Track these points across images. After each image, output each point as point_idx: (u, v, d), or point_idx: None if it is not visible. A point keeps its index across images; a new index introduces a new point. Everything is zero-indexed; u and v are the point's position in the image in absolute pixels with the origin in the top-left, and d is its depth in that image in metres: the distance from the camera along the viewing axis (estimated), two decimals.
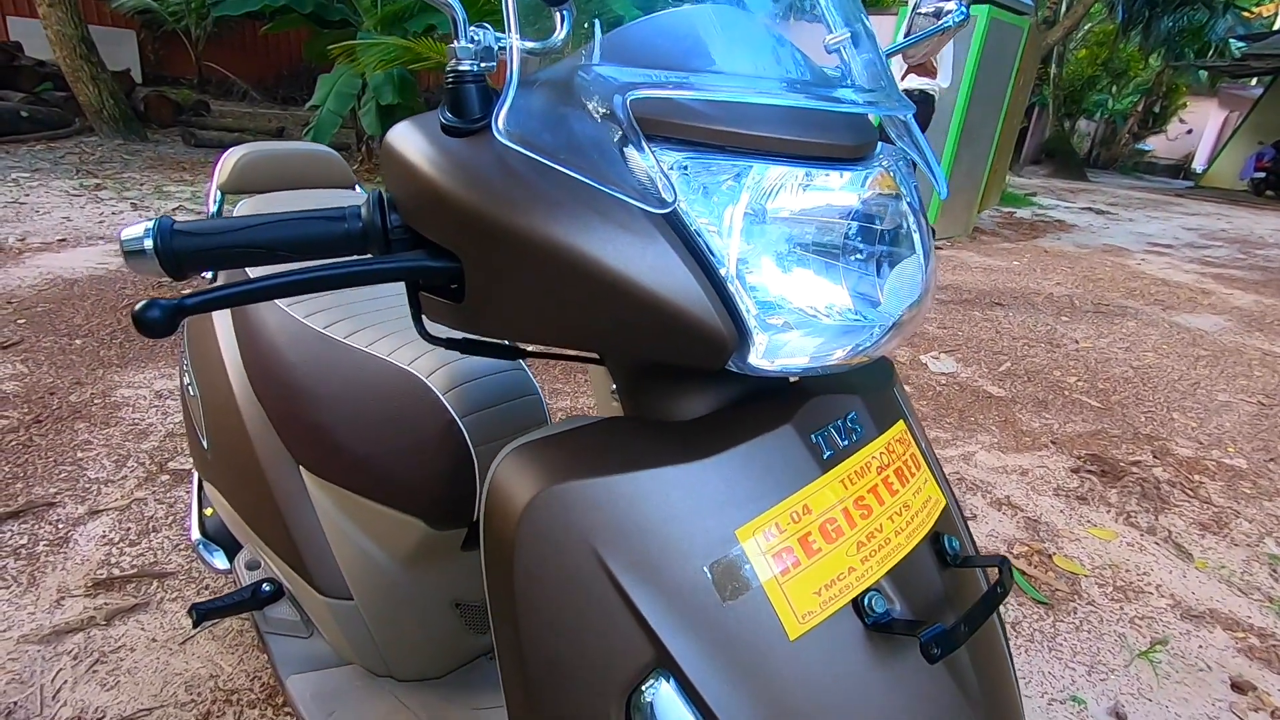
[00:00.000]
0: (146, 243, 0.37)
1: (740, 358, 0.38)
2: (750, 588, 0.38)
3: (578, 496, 0.38)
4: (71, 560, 1.49)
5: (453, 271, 0.39)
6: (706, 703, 0.37)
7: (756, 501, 0.39)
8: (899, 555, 0.42)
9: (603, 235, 0.35)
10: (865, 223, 0.44)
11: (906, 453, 0.47)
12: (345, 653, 0.93)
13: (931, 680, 0.40)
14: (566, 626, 0.38)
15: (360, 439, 0.83)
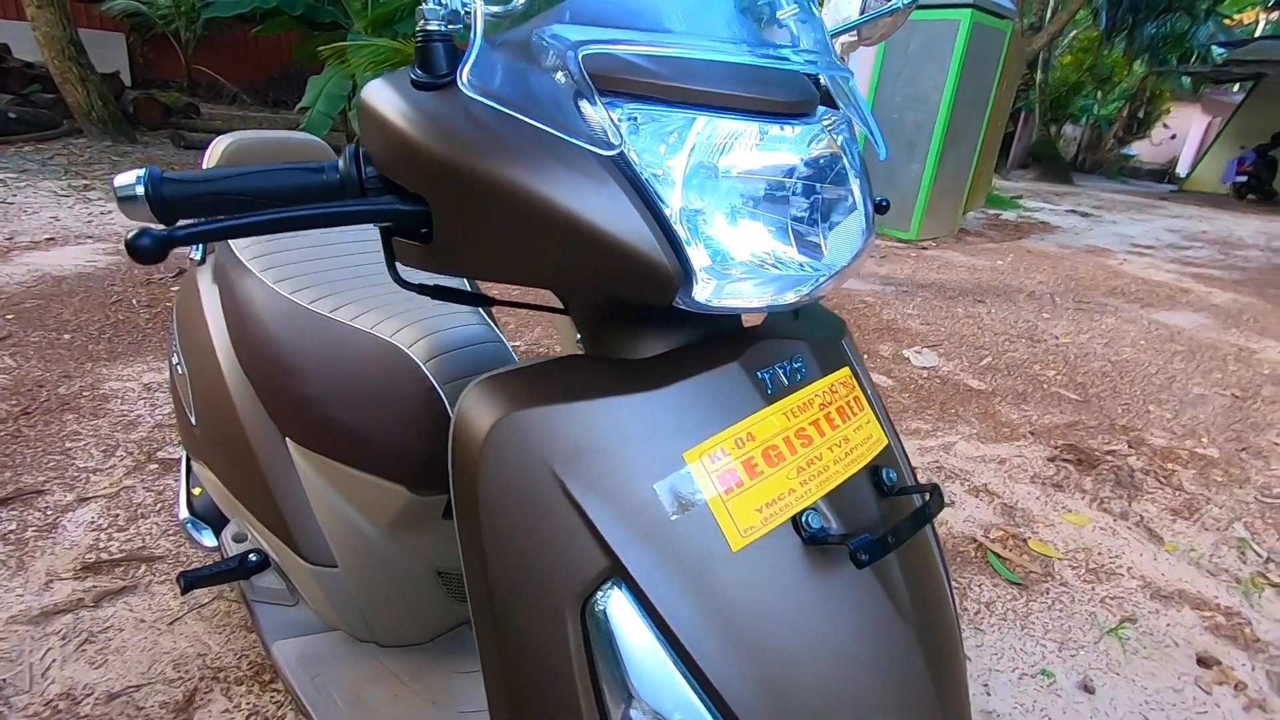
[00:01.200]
0: (138, 188, 0.40)
1: (686, 294, 0.42)
2: (696, 504, 0.41)
3: (537, 421, 0.42)
4: (60, 545, 1.51)
5: (422, 215, 0.43)
6: (656, 608, 0.40)
7: (703, 428, 0.43)
8: (837, 481, 0.45)
9: (558, 178, 0.39)
10: (810, 180, 0.47)
11: (849, 395, 0.51)
12: (330, 619, 0.96)
13: (865, 592, 0.43)
14: (527, 541, 0.41)
15: (345, 409, 0.86)
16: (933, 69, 5.49)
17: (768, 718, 0.40)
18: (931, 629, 0.46)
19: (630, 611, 0.40)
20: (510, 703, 0.43)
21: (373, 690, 0.90)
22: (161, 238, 0.36)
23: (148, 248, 0.35)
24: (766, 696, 0.40)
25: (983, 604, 1.63)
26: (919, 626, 0.45)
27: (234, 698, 1.21)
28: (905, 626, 0.44)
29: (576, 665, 0.41)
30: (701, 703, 0.40)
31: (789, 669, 0.41)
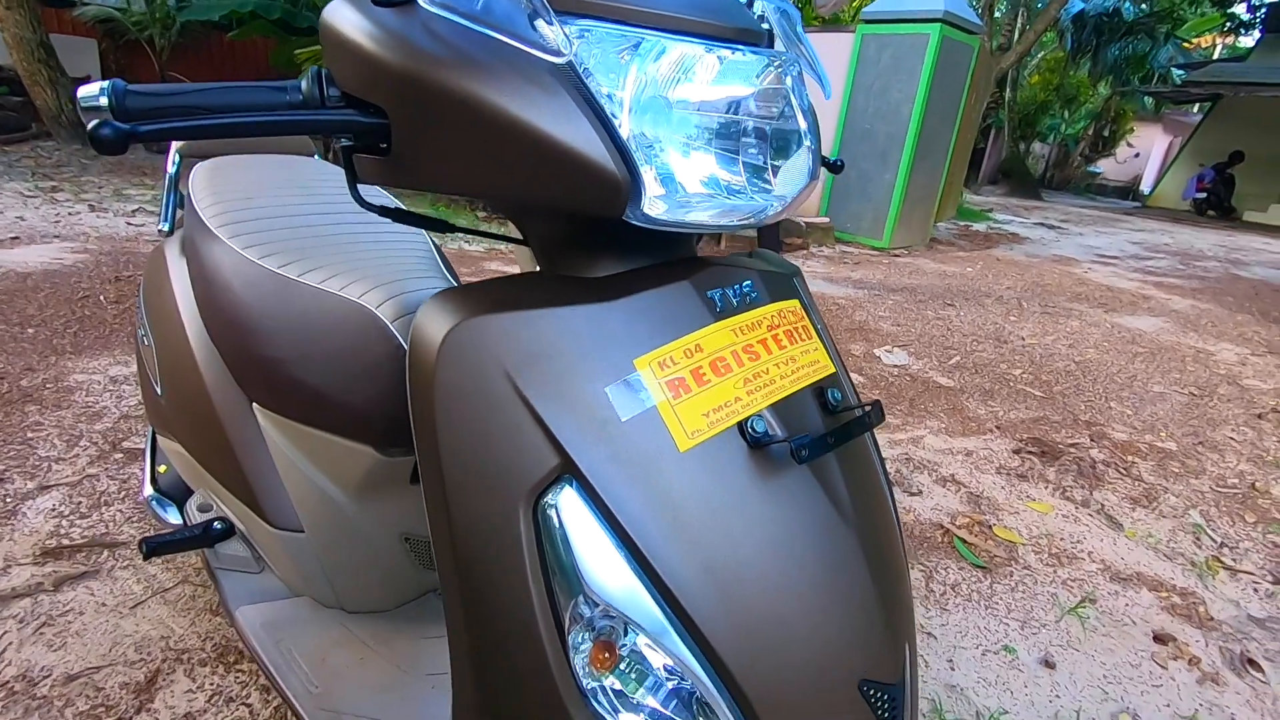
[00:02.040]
0: (102, 100, 0.41)
1: (636, 207, 0.44)
2: (645, 407, 0.43)
3: (492, 328, 0.43)
4: (19, 532, 1.48)
5: (381, 128, 0.44)
6: (605, 504, 0.42)
7: (654, 338, 0.45)
8: (782, 394, 0.47)
9: (512, 88, 0.41)
10: (760, 117, 0.50)
11: (798, 322, 0.53)
12: (295, 585, 0.96)
13: (807, 494, 0.45)
14: (481, 440, 0.43)
15: (312, 371, 0.87)
16: (903, 81, 5.63)
17: (713, 608, 0.42)
18: (872, 531, 0.48)
19: (580, 507, 0.42)
20: (465, 599, 0.44)
21: (338, 654, 0.90)
22: (123, 131, 0.37)
23: (107, 137, 0.36)
24: (712, 588, 0.42)
25: (948, 586, 1.66)
26: (859, 528, 0.47)
27: (198, 678, 1.19)
28: (846, 527, 0.46)
29: (529, 559, 0.42)
30: (649, 594, 0.42)
31: (734, 563, 0.43)
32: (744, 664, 0.42)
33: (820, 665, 0.43)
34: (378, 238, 1.05)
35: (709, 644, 0.42)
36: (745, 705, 0.42)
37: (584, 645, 0.43)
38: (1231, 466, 2.46)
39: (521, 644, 0.43)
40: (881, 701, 0.45)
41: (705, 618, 0.42)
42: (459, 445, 0.43)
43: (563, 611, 0.43)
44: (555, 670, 0.42)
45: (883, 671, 0.45)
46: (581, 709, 0.43)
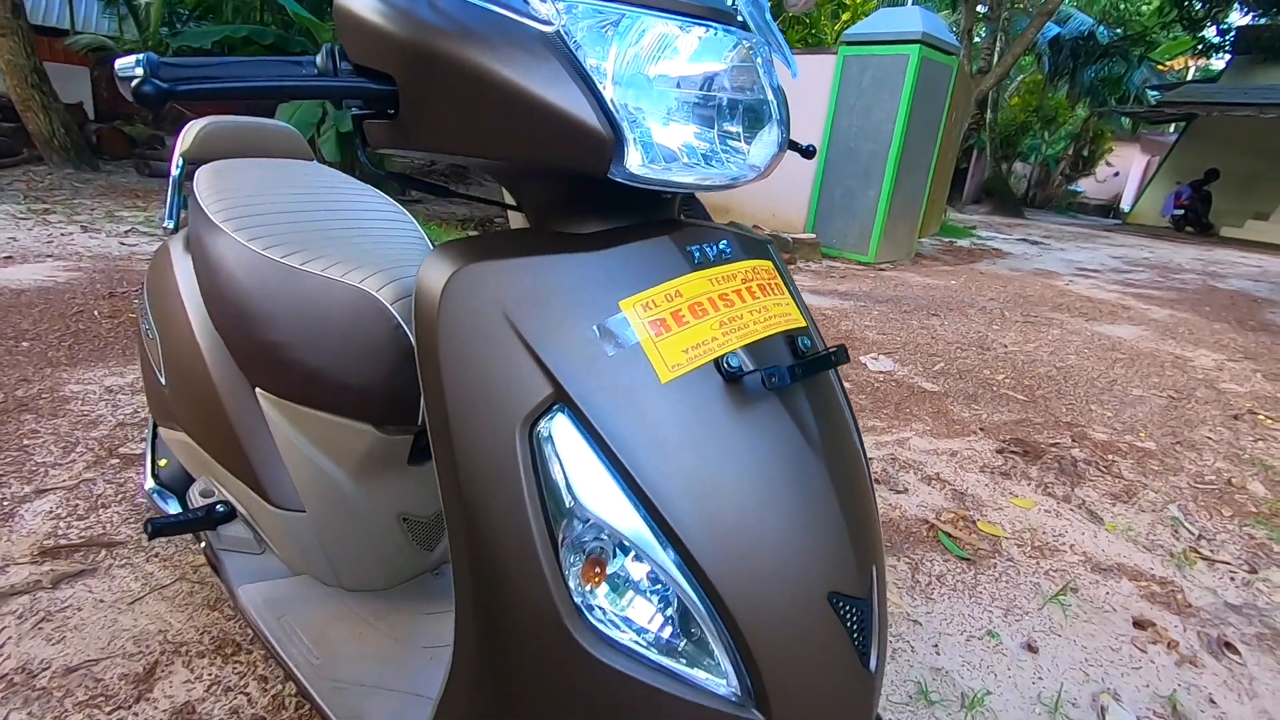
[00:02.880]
0: (137, 70, 0.46)
1: (619, 164, 0.48)
2: (630, 343, 0.48)
3: (490, 271, 0.48)
4: (16, 533, 1.50)
5: (390, 95, 0.49)
6: (595, 429, 0.46)
7: (637, 284, 0.50)
8: (755, 337, 0.52)
9: (508, 55, 0.46)
10: (734, 90, 0.55)
11: (771, 279, 0.58)
12: (296, 564, 0.99)
13: (777, 423, 0.50)
14: (481, 372, 0.47)
15: (314, 353, 0.91)
16: (885, 101, 5.77)
17: (694, 523, 0.46)
18: (839, 462, 0.52)
19: (572, 432, 0.46)
20: (467, 520, 0.48)
21: (337, 629, 0.93)
22: (163, 88, 0.42)
23: (150, 93, 0.41)
24: (693, 505, 0.46)
25: (933, 577, 1.70)
26: (827, 458, 0.51)
27: (196, 669, 1.21)
28: (814, 455, 0.50)
29: (525, 482, 0.46)
30: (636, 511, 0.46)
31: (712, 483, 0.47)
32: (722, 574, 0.46)
33: (792, 576, 0.47)
34: (376, 230, 1.09)
35: (691, 556, 0.46)
36: (724, 613, 0.46)
37: (575, 562, 0.47)
38: (1209, 464, 2.52)
39: (519, 561, 0.47)
40: (850, 614, 0.49)
41: (687, 532, 0.46)
42: (461, 377, 0.47)
43: (556, 530, 0.47)
44: (551, 583, 0.46)
45: (850, 586, 0.49)
46: (574, 618, 0.46)
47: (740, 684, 0.47)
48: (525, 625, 0.47)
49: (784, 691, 0.47)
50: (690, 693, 0.46)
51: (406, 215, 1.19)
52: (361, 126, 0.53)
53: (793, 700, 0.47)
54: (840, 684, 0.49)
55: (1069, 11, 16.82)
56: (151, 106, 0.42)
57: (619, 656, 0.46)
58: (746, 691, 0.47)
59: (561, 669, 0.46)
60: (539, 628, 0.46)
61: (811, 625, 0.47)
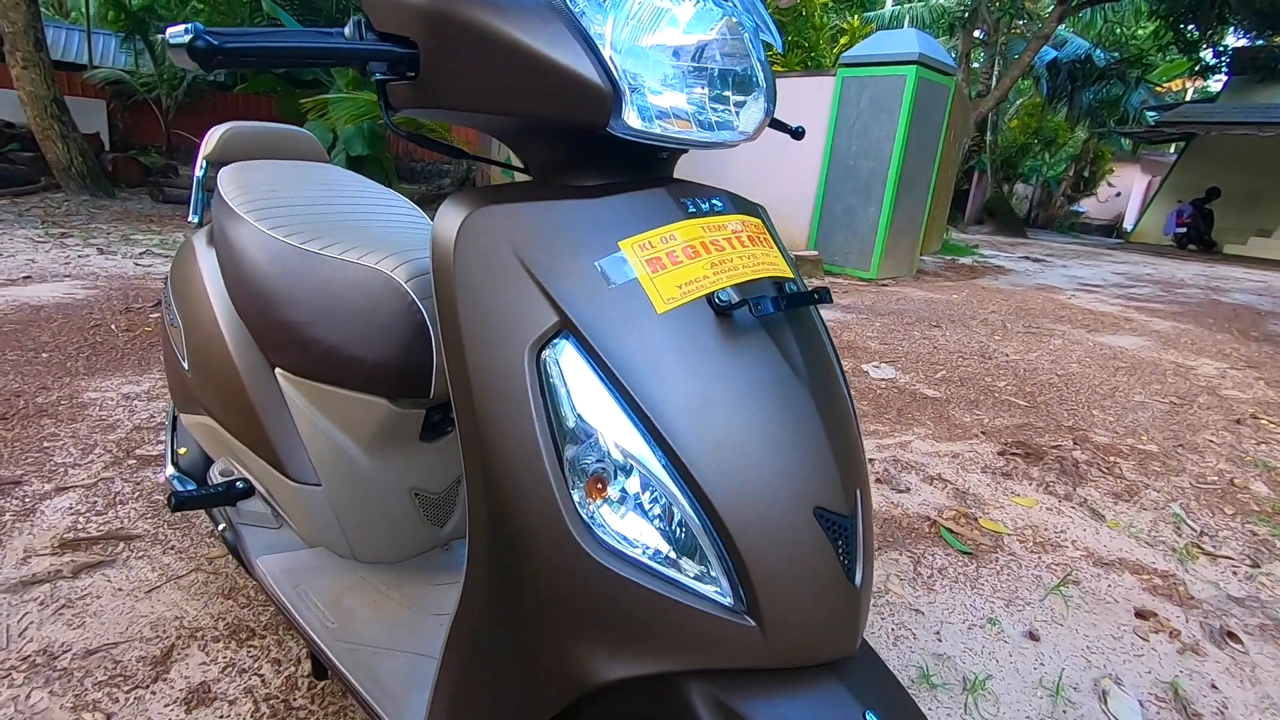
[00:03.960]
0: (185, 38, 0.51)
1: (618, 118, 0.53)
2: (629, 278, 0.52)
3: (501, 214, 0.53)
4: (38, 527, 1.54)
5: (412, 58, 0.54)
6: (598, 353, 0.50)
7: (635, 227, 0.54)
8: (744, 278, 0.56)
9: (518, 18, 0.51)
10: (724, 58, 0.60)
11: (760, 234, 0.63)
12: (312, 537, 1.02)
13: (765, 353, 0.54)
14: (493, 302, 0.51)
15: (332, 331, 0.96)
16: (883, 120, 5.88)
17: (689, 441, 0.50)
18: (823, 390, 0.56)
19: (576, 357, 0.50)
20: (479, 437, 0.52)
21: (351, 597, 0.96)
22: (214, 44, 0.47)
23: (203, 48, 0.46)
24: (688, 424, 0.50)
25: (935, 570, 1.72)
26: (811, 385, 0.55)
27: (211, 653, 1.24)
28: (799, 382, 0.54)
29: (533, 403, 0.50)
30: (636, 429, 0.50)
31: (705, 405, 0.51)
32: (716, 488, 0.49)
33: (780, 491, 0.51)
34: (388, 219, 1.15)
35: (688, 471, 0.49)
36: (718, 525, 0.50)
37: (579, 481, 0.51)
38: (1211, 466, 2.53)
39: (527, 475, 0.51)
40: (834, 528, 0.52)
41: (684, 449, 0.50)
42: (474, 308, 0.51)
43: (562, 449, 0.51)
44: (558, 495, 0.50)
45: (835, 503, 0.53)
46: (581, 528, 0.50)
47: (734, 592, 0.50)
48: (534, 534, 0.51)
49: (774, 600, 0.50)
50: (688, 598, 0.50)
51: (416, 208, 1.24)
52: (385, 90, 0.58)
53: (782, 608, 0.50)
54: (827, 595, 0.52)
55: (1065, 36, 17.08)
56: (204, 63, 0.48)
57: (623, 564, 0.50)
58: (739, 599, 0.50)
59: (569, 575, 0.50)
60: (547, 536, 0.50)
61: (799, 538, 0.51)
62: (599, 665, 0.50)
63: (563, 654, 0.51)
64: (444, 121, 0.66)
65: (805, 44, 7.80)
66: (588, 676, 0.51)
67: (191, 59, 0.47)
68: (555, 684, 0.52)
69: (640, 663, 0.50)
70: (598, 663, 0.50)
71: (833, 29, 9.67)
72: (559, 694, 0.53)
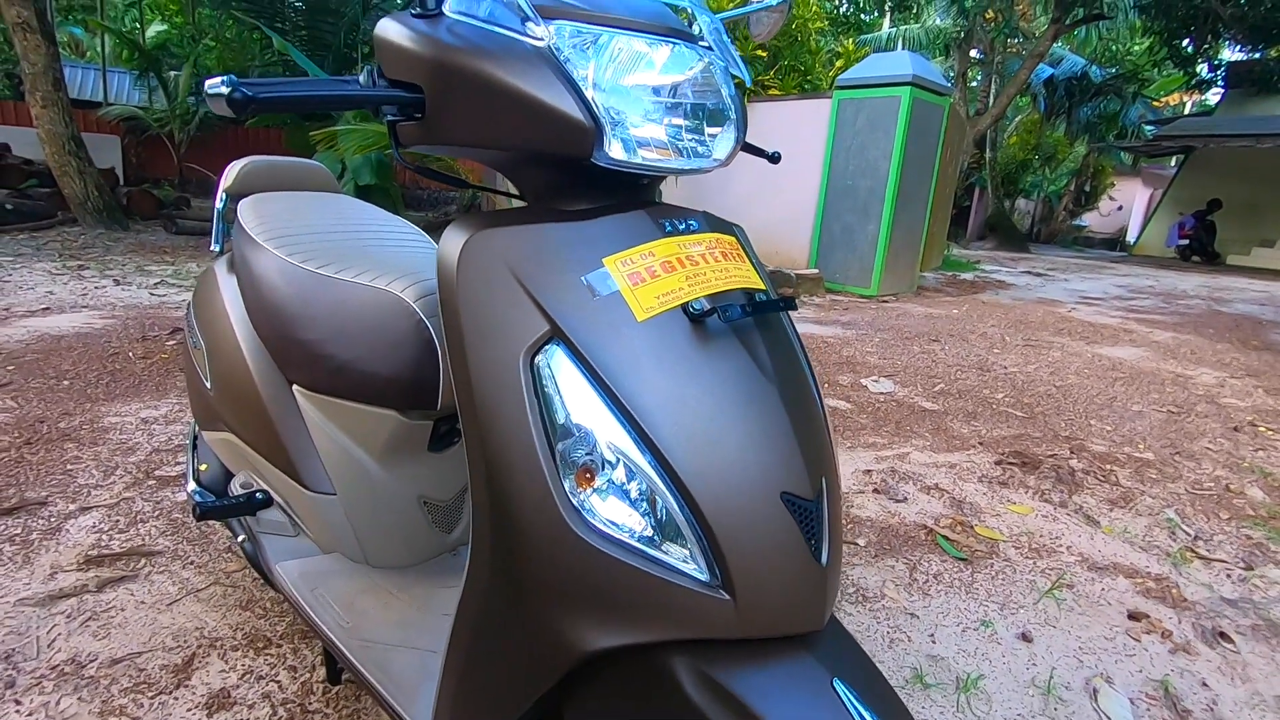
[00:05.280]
0: (223, 88, 0.59)
1: (600, 150, 0.60)
2: (612, 290, 0.59)
3: (498, 236, 0.60)
4: (63, 545, 1.61)
5: (418, 101, 0.62)
6: (585, 358, 0.57)
7: (617, 245, 0.61)
8: (716, 289, 0.63)
9: (510, 65, 0.58)
10: (697, 94, 0.67)
11: (734, 250, 0.69)
12: (327, 543, 1.09)
13: (735, 356, 0.60)
14: (491, 312, 0.58)
15: (346, 348, 1.03)
16: (880, 140, 5.99)
17: (667, 433, 0.56)
18: (792, 390, 0.62)
19: (565, 361, 0.57)
20: (481, 434, 0.58)
21: (365, 599, 1.02)
22: (250, 95, 0.54)
23: (241, 99, 0.54)
24: (666, 418, 0.56)
25: (931, 575, 1.76)
26: (778, 384, 0.61)
27: (230, 661, 1.30)
28: (767, 382, 0.60)
29: (528, 402, 0.57)
30: (620, 424, 0.56)
31: (681, 401, 0.57)
32: (692, 476, 0.55)
33: (749, 477, 0.57)
34: (397, 243, 1.22)
35: (666, 461, 0.56)
36: (695, 508, 0.56)
37: (570, 471, 0.57)
38: (1208, 472, 2.56)
39: (524, 468, 0.57)
40: (801, 512, 0.58)
41: (663, 441, 0.56)
42: (475, 318, 0.58)
43: (554, 443, 0.57)
44: (551, 484, 0.56)
45: (801, 489, 0.58)
46: (572, 513, 0.56)
47: (709, 569, 0.56)
48: (529, 518, 0.57)
49: (746, 576, 0.56)
50: (669, 574, 0.56)
51: (422, 233, 1.32)
52: (395, 130, 0.65)
53: (754, 584, 0.56)
54: (795, 573, 0.57)
55: (1061, 53, 17.30)
56: (240, 111, 0.55)
57: (609, 544, 0.56)
58: (715, 575, 0.56)
59: (561, 555, 0.56)
60: (541, 520, 0.56)
61: (768, 520, 0.57)
62: (590, 635, 0.56)
63: (557, 627, 0.57)
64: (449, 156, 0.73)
65: (801, 68, 7.96)
66: (580, 646, 0.56)
67: (229, 108, 0.54)
68: (551, 655, 0.58)
69: (626, 632, 0.56)
70: (588, 633, 0.56)
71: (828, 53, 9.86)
72: (555, 665, 0.58)
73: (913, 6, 15.92)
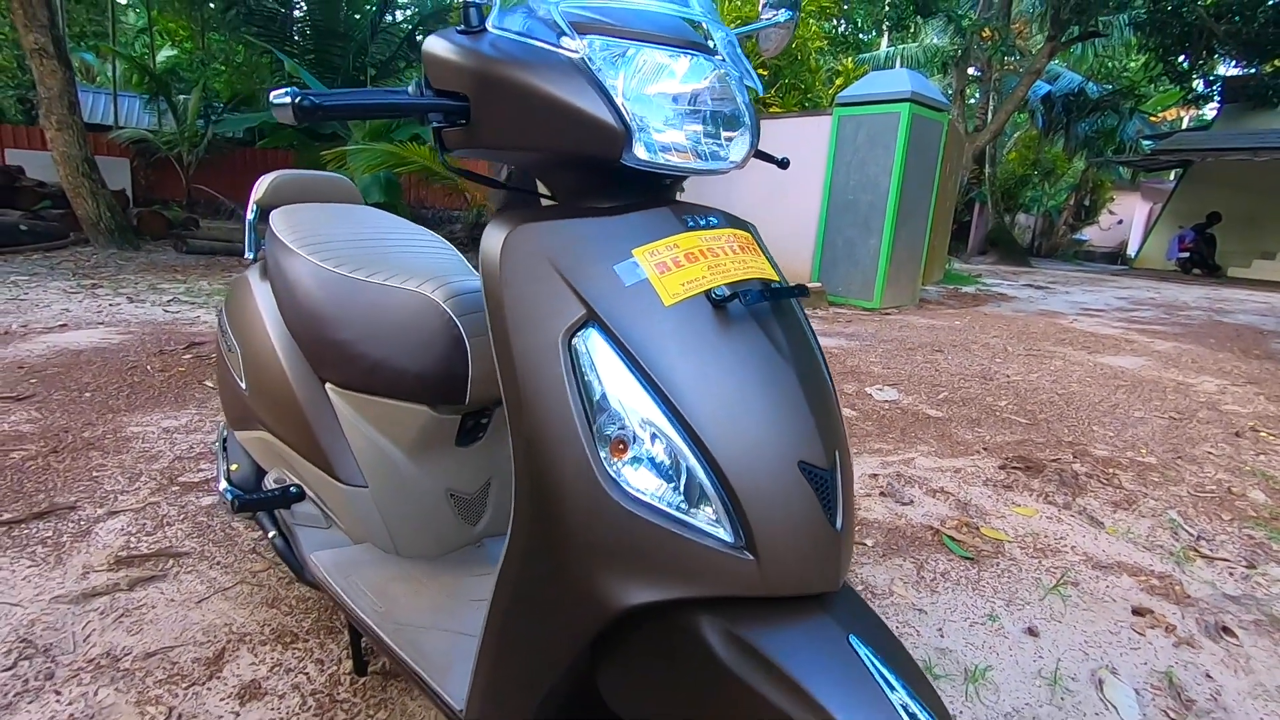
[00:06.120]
0: (287, 99, 0.65)
1: (629, 152, 0.66)
2: (641, 278, 0.64)
3: (537, 229, 0.65)
4: (94, 546, 1.65)
5: (463, 108, 0.68)
6: (618, 339, 0.62)
7: (645, 238, 0.67)
8: (736, 278, 0.69)
9: (547, 75, 0.64)
10: (714, 102, 0.73)
11: (750, 244, 0.75)
12: (359, 534, 1.13)
13: (754, 338, 0.65)
14: (532, 300, 0.64)
15: (378, 347, 1.08)
16: (880, 156, 6.08)
17: (695, 407, 0.61)
18: (806, 370, 0.67)
19: (600, 342, 0.62)
20: (523, 410, 0.63)
21: (396, 586, 1.07)
22: (315, 103, 0.60)
23: (307, 106, 0.60)
24: (693, 394, 0.61)
25: (938, 574, 1.79)
26: (794, 365, 0.66)
27: (259, 655, 1.34)
28: (784, 361, 0.66)
29: (567, 381, 0.62)
30: (652, 399, 0.61)
31: (706, 378, 0.62)
32: (718, 446, 0.60)
33: (770, 447, 0.62)
34: (423, 249, 1.29)
35: (694, 432, 0.61)
36: (720, 476, 0.61)
37: (605, 442, 0.62)
38: (1210, 476, 2.59)
39: (563, 440, 0.62)
40: (816, 480, 0.63)
41: (691, 414, 0.61)
42: (517, 304, 0.64)
43: (590, 416, 0.62)
44: (589, 454, 0.61)
45: (816, 458, 0.63)
46: (608, 480, 0.61)
47: (734, 531, 0.61)
48: (568, 485, 0.62)
49: (768, 538, 0.61)
50: (697, 536, 0.61)
51: (443, 240, 1.38)
52: (440, 136, 0.71)
53: (775, 545, 0.61)
54: (812, 536, 0.62)
55: (1057, 70, 17.51)
56: (308, 118, 0.61)
57: (642, 508, 0.61)
58: (739, 537, 0.61)
59: (598, 518, 0.61)
60: (579, 486, 0.61)
61: (787, 487, 0.62)
62: (624, 592, 0.61)
63: (593, 585, 0.62)
64: (489, 160, 0.80)
65: (802, 86, 8.10)
66: (615, 602, 0.61)
67: (294, 115, 0.61)
68: (589, 613, 0.63)
69: (658, 589, 0.61)
70: (623, 590, 0.61)
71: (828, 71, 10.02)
72: (593, 622, 0.63)
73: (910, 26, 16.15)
